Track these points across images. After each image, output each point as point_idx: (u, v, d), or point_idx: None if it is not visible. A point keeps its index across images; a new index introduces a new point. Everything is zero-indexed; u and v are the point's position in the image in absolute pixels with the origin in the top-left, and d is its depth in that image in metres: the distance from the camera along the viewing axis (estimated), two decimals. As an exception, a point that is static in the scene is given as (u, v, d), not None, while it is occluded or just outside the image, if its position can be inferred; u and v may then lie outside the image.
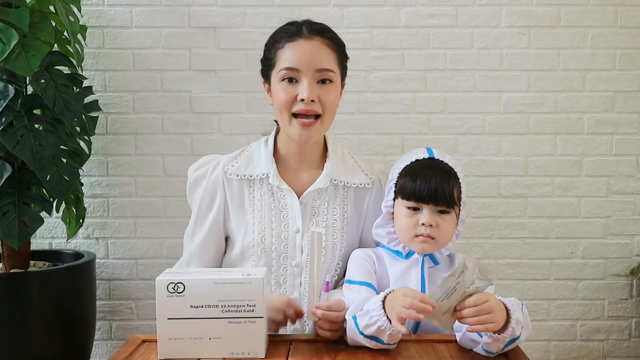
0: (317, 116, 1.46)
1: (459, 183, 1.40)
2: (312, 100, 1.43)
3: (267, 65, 1.51)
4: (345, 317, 1.28)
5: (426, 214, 1.36)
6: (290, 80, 1.45)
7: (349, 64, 2.40)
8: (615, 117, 2.50)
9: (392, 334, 1.20)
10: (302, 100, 1.43)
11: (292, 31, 1.47)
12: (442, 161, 1.41)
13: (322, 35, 1.47)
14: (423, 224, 1.35)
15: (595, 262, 2.54)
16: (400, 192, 1.39)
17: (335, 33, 1.52)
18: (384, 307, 1.20)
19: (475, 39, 2.47)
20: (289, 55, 1.45)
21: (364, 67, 2.47)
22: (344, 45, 1.54)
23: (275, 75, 1.47)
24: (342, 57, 1.51)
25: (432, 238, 1.36)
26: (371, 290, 1.36)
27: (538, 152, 2.50)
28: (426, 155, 1.42)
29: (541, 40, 2.47)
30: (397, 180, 1.42)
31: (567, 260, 2.53)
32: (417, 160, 1.41)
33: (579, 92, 2.49)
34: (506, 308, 1.19)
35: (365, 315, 1.22)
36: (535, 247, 2.53)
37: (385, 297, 1.21)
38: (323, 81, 1.45)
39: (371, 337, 1.22)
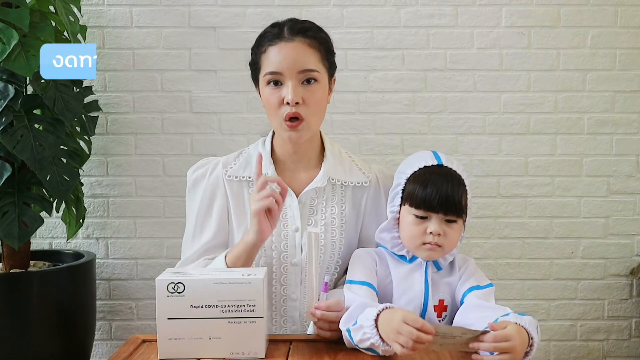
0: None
1: (466, 190, 1.38)
2: (297, 103, 1.43)
3: (254, 69, 1.52)
4: (340, 326, 1.27)
5: (435, 222, 1.34)
6: (276, 83, 1.45)
7: (349, 64, 2.44)
8: (615, 117, 2.50)
9: (387, 349, 1.18)
10: (288, 103, 1.43)
11: (273, 34, 1.47)
12: (450, 168, 1.38)
13: (304, 35, 1.46)
14: (431, 233, 1.34)
15: (595, 262, 2.54)
16: (409, 199, 1.36)
17: (319, 30, 1.50)
18: (376, 325, 1.18)
19: (475, 39, 2.47)
20: (271, 59, 1.45)
21: (364, 67, 2.47)
22: (329, 41, 1.52)
23: (262, 79, 1.48)
24: (327, 54, 1.50)
25: (439, 246, 1.35)
26: (371, 291, 1.36)
27: (538, 152, 2.50)
28: (434, 162, 1.39)
29: (541, 40, 2.47)
30: (404, 186, 1.39)
31: (567, 260, 2.53)
32: (425, 167, 1.38)
33: (579, 92, 2.49)
34: (528, 334, 1.17)
35: (358, 330, 1.21)
36: (535, 247, 2.53)
37: (378, 314, 1.18)
38: (308, 81, 1.45)
39: (367, 349, 1.22)
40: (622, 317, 2.56)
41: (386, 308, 1.20)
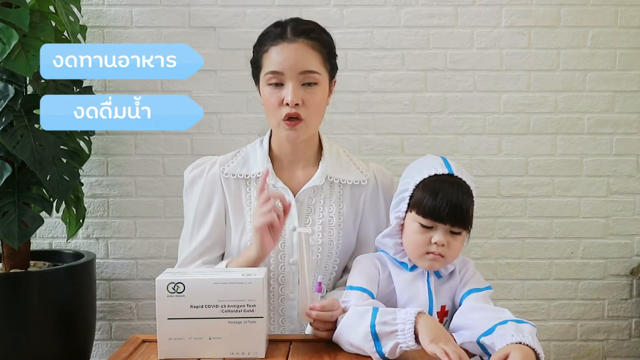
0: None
1: (473, 202, 1.36)
2: (297, 104, 1.43)
3: (255, 67, 1.52)
4: (350, 308, 1.26)
5: (440, 233, 1.32)
6: (277, 83, 1.45)
7: (349, 64, 2.44)
8: (615, 117, 2.50)
9: (403, 349, 1.16)
10: (287, 104, 1.43)
11: (276, 33, 1.47)
12: (461, 179, 1.35)
13: (306, 37, 1.46)
14: (435, 243, 1.32)
15: (595, 262, 2.54)
16: (416, 207, 1.34)
17: (321, 32, 1.50)
18: (416, 321, 1.16)
19: (475, 39, 2.47)
20: (273, 59, 1.45)
21: (364, 67, 2.47)
22: (332, 44, 1.52)
23: (262, 78, 1.48)
24: (328, 56, 1.50)
25: (442, 256, 1.33)
26: (366, 296, 1.34)
27: (538, 152, 2.50)
28: (445, 170, 1.35)
29: (541, 40, 2.47)
30: (412, 193, 1.36)
31: (567, 260, 2.53)
32: (436, 175, 1.35)
33: (579, 92, 2.49)
34: (535, 352, 1.14)
35: (388, 313, 1.19)
36: (535, 247, 2.53)
37: (419, 313, 1.17)
38: (309, 83, 1.45)
39: (374, 336, 1.18)
40: (622, 317, 2.56)
41: (423, 313, 1.19)
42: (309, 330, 1.42)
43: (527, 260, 2.53)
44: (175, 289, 1.20)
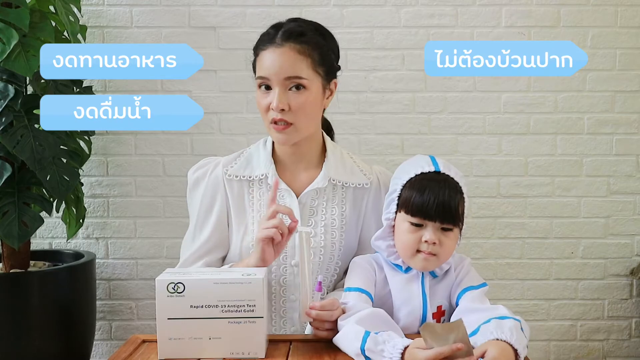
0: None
1: (463, 198, 1.36)
2: (283, 109, 1.43)
3: (253, 71, 1.53)
4: (341, 321, 1.26)
5: (430, 231, 1.32)
6: (267, 87, 1.46)
7: (349, 64, 2.44)
8: (615, 117, 2.50)
9: None
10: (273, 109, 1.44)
11: (269, 37, 1.47)
12: (448, 175, 1.35)
13: (295, 41, 1.44)
14: (426, 242, 1.31)
15: (595, 262, 2.54)
16: (404, 206, 1.34)
17: (315, 34, 1.48)
18: (402, 357, 1.14)
19: (475, 39, 2.47)
20: (262, 64, 1.46)
21: (364, 67, 2.47)
22: (325, 46, 1.49)
23: (255, 81, 1.49)
24: (320, 59, 1.47)
25: (434, 255, 1.33)
26: (365, 297, 1.34)
27: (538, 152, 2.50)
28: (431, 168, 1.36)
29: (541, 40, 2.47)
30: (400, 193, 1.37)
31: (567, 260, 2.54)
32: (422, 173, 1.35)
33: (579, 92, 2.49)
34: (514, 349, 1.14)
35: (378, 344, 1.17)
36: (535, 247, 2.53)
37: (406, 347, 1.14)
38: (297, 87, 1.44)
39: (366, 358, 1.18)
40: (622, 317, 2.56)
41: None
42: (308, 330, 1.42)
43: (527, 260, 2.53)
44: (175, 289, 1.20)
